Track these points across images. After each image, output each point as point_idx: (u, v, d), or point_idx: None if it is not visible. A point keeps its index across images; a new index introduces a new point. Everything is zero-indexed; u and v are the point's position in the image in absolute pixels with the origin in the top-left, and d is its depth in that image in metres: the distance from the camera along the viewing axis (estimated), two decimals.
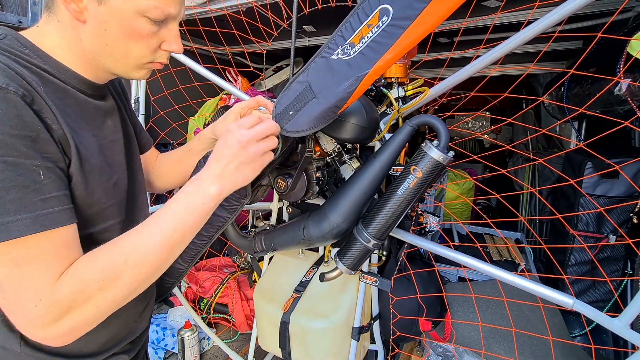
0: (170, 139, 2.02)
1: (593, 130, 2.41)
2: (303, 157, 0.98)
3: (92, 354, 0.67)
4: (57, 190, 0.51)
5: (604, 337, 1.79)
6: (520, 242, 2.55)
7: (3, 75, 0.48)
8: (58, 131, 0.52)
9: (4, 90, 0.47)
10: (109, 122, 0.68)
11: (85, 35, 0.58)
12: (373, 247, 0.91)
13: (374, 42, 0.68)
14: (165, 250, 0.56)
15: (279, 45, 2.20)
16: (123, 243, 0.55)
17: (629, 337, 0.81)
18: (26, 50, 0.55)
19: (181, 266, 0.97)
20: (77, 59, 0.60)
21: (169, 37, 0.62)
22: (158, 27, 0.60)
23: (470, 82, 1.12)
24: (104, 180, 0.62)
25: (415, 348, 1.78)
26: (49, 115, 0.52)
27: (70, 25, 0.57)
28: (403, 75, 1.26)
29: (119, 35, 0.57)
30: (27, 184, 0.47)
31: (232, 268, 2.43)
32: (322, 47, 0.74)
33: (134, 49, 0.59)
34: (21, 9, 1.85)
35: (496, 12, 1.58)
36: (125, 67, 0.62)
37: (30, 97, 0.49)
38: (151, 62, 0.63)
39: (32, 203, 0.48)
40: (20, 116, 0.47)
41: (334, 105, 0.72)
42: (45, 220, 0.49)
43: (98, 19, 0.56)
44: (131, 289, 0.55)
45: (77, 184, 0.56)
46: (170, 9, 0.58)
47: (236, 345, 2.12)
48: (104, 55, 0.60)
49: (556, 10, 0.81)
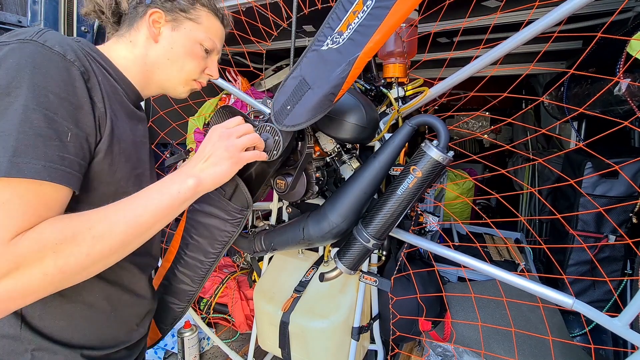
0: (170, 139, 2.02)
1: (593, 130, 2.41)
2: (303, 155, 0.98)
3: (89, 347, 0.66)
4: (76, 156, 0.55)
5: (603, 337, 1.79)
6: (520, 242, 2.55)
7: (73, 53, 0.58)
8: (100, 109, 0.61)
9: (70, 62, 0.57)
10: (140, 126, 0.76)
11: (154, 52, 0.75)
12: (373, 247, 0.91)
13: (361, 26, 0.69)
14: (131, 228, 0.55)
15: (278, 45, 2.20)
16: (92, 213, 0.54)
17: (628, 337, 0.82)
18: (94, 53, 0.68)
19: (191, 288, 0.98)
20: (136, 69, 0.75)
21: (211, 65, 0.83)
22: (207, 55, 0.80)
23: (470, 82, 1.12)
24: (128, 167, 0.67)
25: (415, 348, 1.78)
26: (97, 95, 0.61)
27: (142, 44, 0.74)
28: (403, 75, 1.26)
29: (181, 53, 0.76)
30: (53, 137, 0.52)
31: (232, 268, 2.43)
32: (311, 41, 0.75)
33: (189, 65, 0.78)
34: (21, 8, 1.85)
35: (496, 12, 1.57)
36: (176, 80, 0.79)
37: (87, 76, 0.59)
38: (196, 79, 0.81)
39: (51, 154, 0.51)
40: (74, 86, 0.56)
41: (329, 93, 0.73)
42: (55, 173, 0.51)
43: (169, 41, 0.75)
44: (86, 262, 0.52)
45: (103, 160, 0.61)
46: (216, 43, 0.81)
47: (236, 345, 2.12)
48: (163, 67, 0.76)
49: (556, 10, 0.81)
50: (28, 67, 0.52)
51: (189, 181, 0.61)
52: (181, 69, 0.77)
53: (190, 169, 0.64)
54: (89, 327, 0.66)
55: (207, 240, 0.95)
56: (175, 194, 0.60)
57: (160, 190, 0.60)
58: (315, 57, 0.74)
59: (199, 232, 0.96)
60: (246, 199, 0.88)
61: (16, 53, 0.52)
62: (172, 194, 0.60)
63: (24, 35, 0.55)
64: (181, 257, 0.98)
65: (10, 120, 0.49)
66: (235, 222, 0.89)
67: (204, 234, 0.95)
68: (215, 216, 0.93)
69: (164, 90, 0.81)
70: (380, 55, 1.31)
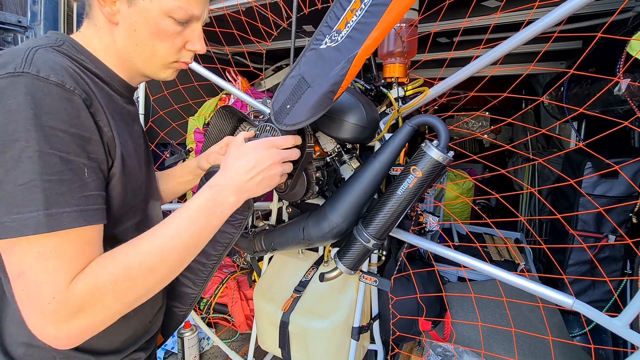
0: (169, 139, 2.02)
1: (593, 130, 2.41)
2: (304, 155, 0.98)
3: (115, 350, 0.68)
4: (97, 190, 0.54)
5: (603, 337, 1.79)
6: (519, 242, 2.55)
7: (71, 79, 0.52)
8: (108, 134, 0.57)
9: (71, 92, 0.51)
10: (136, 127, 0.72)
11: (119, 37, 0.62)
12: (373, 247, 0.91)
13: (360, 23, 0.70)
14: (180, 254, 0.57)
15: (278, 45, 2.20)
16: (139, 245, 0.55)
17: (628, 337, 0.82)
18: (81, 55, 0.60)
19: (193, 291, 0.98)
20: (114, 61, 0.65)
21: (192, 37, 0.66)
22: (182, 28, 0.64)
23: (470, 82, 1.12)
24: (134, 181, 0.64)
25: (415, 348, 1.78)
26: (102, 118, 0.56)
27: (106, 29, 0.62)
28: (403, 75, 1.26)
29: (147, 35, 0.62)
30: (74, 179, 0.50)
31: (232, 268, 2.43)
32: (310, 40, 0.75)
33: (161, 48, 0.64)
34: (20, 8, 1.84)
35: (496, 12, 1.58)
36: (153, 67, 0.67)
37: (89, 101, 0.54)
38: (176, 61, 0.67)
39: (78, 198, 0.50)
40: (80, 117, 0.52)
41: (329, 91, 0.73)
42: (87, 215, 0.51)
43: (129, 20, 0.60)
44: (143, 292, 0.55)
45: (117, 184, 0.59)
46: (193, 10, 0.63)
47: (236, 345, 2.12)
48: (135, 55, 0.64)
49: (556, 10, 0.81)
50: (30, 107, 0.48)
51: (230, 199, 0.62)
52: (153, 53, 0.64)
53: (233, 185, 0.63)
54: (113, 332, 0.66)
55: (208, 242, 0.95)
56: (219, 214, 0.61)
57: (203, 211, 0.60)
58: (314, 55, 0.74)
59: None
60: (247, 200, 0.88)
61: (11, 92, 0.48)
62: (215, 213, 0.61)
63: (12, 65, 0.49)
64: None
65: (29, 170, 0.47)
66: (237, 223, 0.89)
67: None
68: None
69: (148, 77, 0.71)
70: (380, 55, 1.31)
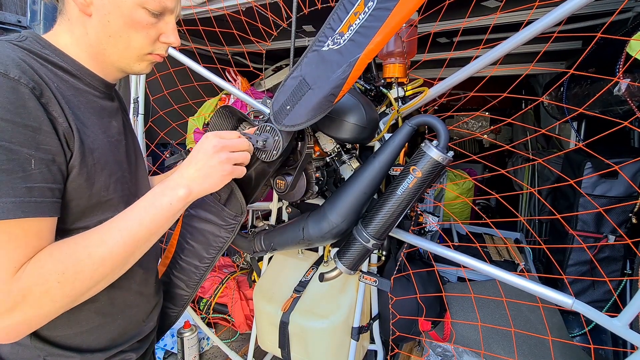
0: (169, 139, 2.02)
1: (592, 131, 2.41)
2: (303, 155, 0.98)
3: (101, 349, 0.68)
4: (44, 182, 0.52)
5: (603, 337, 1.79)
6: (519, 242, 2.55)
7: (17, 69, 0.51)
8: (63, 124, 0.55)
9: (15, 81, 0.50)
10: (114, 122, 0.71)
11: (92, 29, 0.62)
12: (372, 247, 0.91)
13: (363, 27, 0.69)
14: (129, 247, 0.57)
15: (278, 45, 2.20)
16: (88, 237, 0.55)
17: (628, 337, 0.82)
18: (45, 50, 0.60)
19: (186, 293, 0.98)
20: (85, 55, 0.64)
21: (166, 29, 0.67)
22: (156, 19, 0.64)
23: (470, 82, 1.12)
24: (105, 174, 0.63)
25: (415, 348, 1.78)
26: (56, 109, 0.54)
27: (78, 21, 0.62)
28: (402, 75, 1.25)
29: (121, 26, 0.62)
30: (16, 169, 0.48)
31: (232, 268, 2.43)
32: (312, 41, 0.75)
33: (135, 39, 0.64)
34: (20, 8, 1.84)
35: (496, 12, 1.57)
36: (127, 59, 0.66)
37: (39, 90, 0.52)
38: (150, 53, 0.67)
39: (18, 189, 0.49)
40: (26, 107, 0.50)
41: (329, 94, 0.73)
42: (27, 207, 0.49)
43: (102, 11, 0.60)
44: (90, 284, 0.54)
45: (78, 175, 0.57)
46: (166, 2, 0.64)
47: (235, 345, 2.12)
48: (109, 46, 0.63)
49: (556, 10, 0.81)
50: None
51: (179, 192, 0.61)
52: (127, 45, 0.64)
53: (181, 177, 0.63)
54: (98, 331, 0.67)
55: (202, 246, 0.95)
56: (167, 205, 0.60)
57: (153, 203, 0.60)
58: (315, 57, 0.74)
59: (194, 237, 0.97)
60: (240, 206, 0.88)
61: None
62: (164, 206, 0.60)
63: None
64: (177, 261, 0.99)
65: None
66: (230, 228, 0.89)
67: (199, 239, 0.96)
68: (210, 222, 0.94)
69: (123, 71, 0.69)
70: (380, 55, 1.31)
